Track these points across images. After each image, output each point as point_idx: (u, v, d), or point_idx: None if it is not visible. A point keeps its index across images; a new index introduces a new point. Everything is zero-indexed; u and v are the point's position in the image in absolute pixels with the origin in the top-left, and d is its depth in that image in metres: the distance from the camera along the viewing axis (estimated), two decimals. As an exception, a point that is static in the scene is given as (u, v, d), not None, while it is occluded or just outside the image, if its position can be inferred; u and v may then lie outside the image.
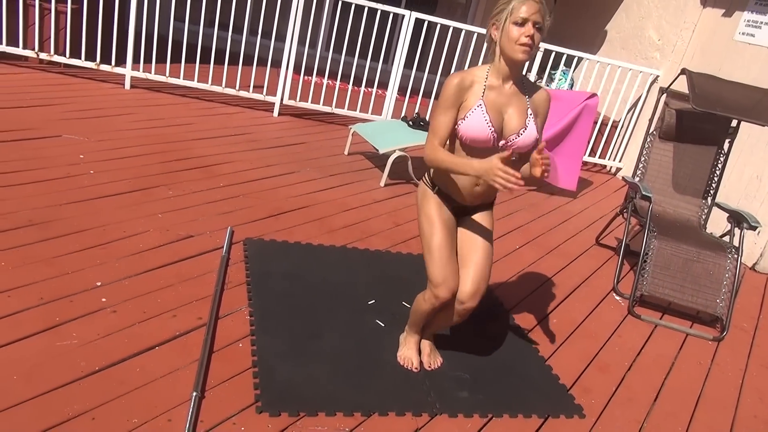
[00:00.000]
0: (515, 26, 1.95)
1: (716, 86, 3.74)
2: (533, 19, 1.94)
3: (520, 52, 1.97)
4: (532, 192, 4.96)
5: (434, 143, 2.05)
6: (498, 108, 2.06)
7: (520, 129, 2.07)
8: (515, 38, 1.95)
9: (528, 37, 1.94)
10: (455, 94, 2.02)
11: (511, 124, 2.07)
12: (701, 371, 2.94)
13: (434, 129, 2.05)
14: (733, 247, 3.46)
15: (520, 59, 1.98)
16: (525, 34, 1.94)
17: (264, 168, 4.06)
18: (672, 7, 5.66)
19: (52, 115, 4.08)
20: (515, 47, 1.96)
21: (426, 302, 2.21)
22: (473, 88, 2.05)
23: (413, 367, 2.40)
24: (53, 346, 2.07)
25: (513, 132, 2.07)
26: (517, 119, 2.07)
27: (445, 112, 2.04)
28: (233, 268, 2.81)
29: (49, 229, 2.75)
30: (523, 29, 1.94)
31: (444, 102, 2.03)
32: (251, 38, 5.25)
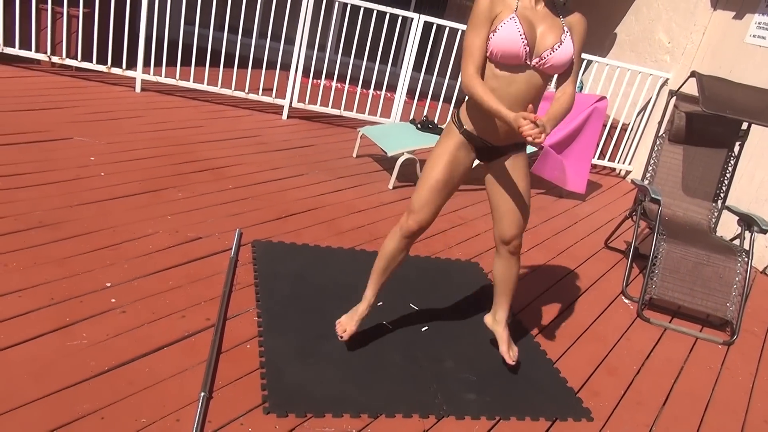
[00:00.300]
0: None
1: (726, 89, 3.72)
2: None
3: None
4: (541, 195, 4.95)
5: (470, 70, 1.98)
6: (531, 23, 1.98)
7: (555, 44, 1.98)
8: None
9: None
10: (488, 8, 1.95)
11: (545, 38, 1.99)
12: (711, 375, 2.92)
13: (469, 51, 1.97)
14: (743, 250, 3.44)
15: None
16: None
17: (273, 170, 4.08)
18: (682, 10, 5.64)
19: (63, 118, 4.12)
20: None
21: (392, 234, 2.25)
22: (506, 1, 1.98)
23: (343, 334, 2.35)
24: (63, 346, 2.09)
25: (547, 48, 1.99)
26: (553, 34, 1.99)
27: (478, 31, 1.96)
28: (242, 269, 2.83)
29: (60, 230, 2.78)
30: None
31: (476, 19, 1.96)
32: (261, 41, 5.29)
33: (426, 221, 2.21)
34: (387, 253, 2.31)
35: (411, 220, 2.21)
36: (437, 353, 2.56)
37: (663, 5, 5.91)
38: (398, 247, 2.28)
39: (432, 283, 3.12)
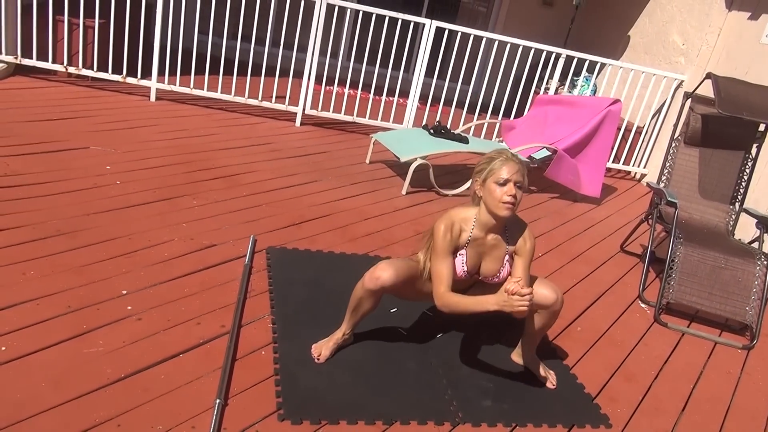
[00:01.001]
0: (497, 186, 2.13)
1: (743, 90, 3.68)
2: (514, 179, 2.13)
3: (503, 209, 2.14)
4: (555, 199, 4.92)
5: (441, 290, 2.16)
6: (479, 255, 2.29)
7: (495, 273, 2.32)
8: (498, 197, 2.13)
9: (510, 196, 2.13)
10: (449, 242, 2.19)
11: (487, 268, 2.32)
12: (731, 380, 2.88)
13: (439, 276, 2.18)
14: (762, 253, 3.39)
15: (504, 215, 2.16)
16: (507, 193, 2.13)
17: (286, 177, 4.10)
18: (696, 11, 5.59)
19: (80, 127, 4.17)
20: (499, 204, 2.14)
21: (360, 282, 2.26)
22: (461, 236, 2.24)
23: (318, 357, 2.33)
24: (80, 354, 2.11)
25: (489, 275, 2.33)
26: (493, 266, 2.31)
27: (444, 259, 2.19)
28: (256, 276, 2.84)
29: (76, 238, 2.81)
30: (505, 188, 2.13)
31: (441, 251, 2.19)
32: (273, 49, 5.32)
33: (387, 280, 2.18)
34: (355, 294, 2.29)
35: (375, 272, 2.19)
36: (452, 360, 2.55)
37: (677, 7, 5.87)
38: (362, 295, 2.25)
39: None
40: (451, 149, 4.54)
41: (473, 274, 2.33)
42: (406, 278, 2.26)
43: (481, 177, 2.19)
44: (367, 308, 2.29)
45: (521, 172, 2.16)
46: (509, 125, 5.38)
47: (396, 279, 2.19)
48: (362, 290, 2.23)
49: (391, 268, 2.19)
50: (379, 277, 2.18)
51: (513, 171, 2.13)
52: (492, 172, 2.15)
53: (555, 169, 4.72)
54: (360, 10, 5.21)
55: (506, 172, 2.13)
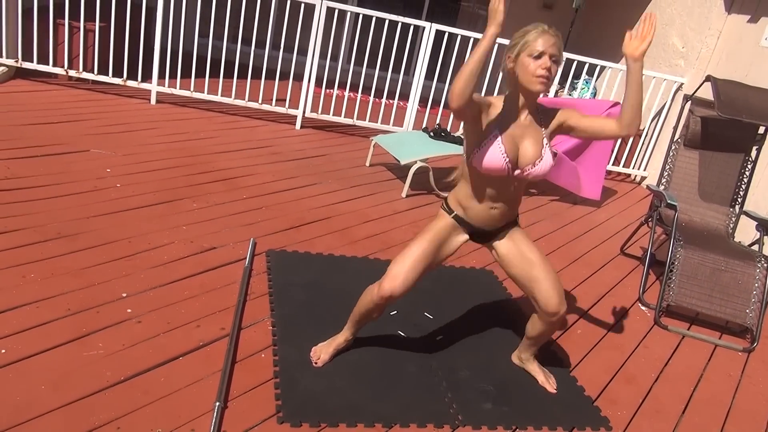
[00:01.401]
0: (532, 59, 1.97)
1: (742, 92, 3.68)
2: (550, 52, 1.97)
3: (537, 83, 1.98)
4: (555, 201, 4.92)
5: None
6: (514, 139, 2.07)
7: (536, 159, 2.09)
8: (532, 71, 1.97)
9: (545, 69, 1.97)
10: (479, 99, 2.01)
11: (527, 154, 2.08)
12: (731, 383, 2.87)
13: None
14: (762, 256, 3.38)
15: (538, 90, 2.00)
16: (542, 66, 1.96)
17: (286, 180, 4.10)
18: (696, 14, 5.60)
19: (80, 131, 4.17)
20: (532, 79, 1.98)
21: (369, 289, 2.22)
22: (490, 111, 2.06)
23: (317, 360, 2.32)
24: (80, 356, 2.11)
25: (529, 162, 2.09)
26: (533, 150, 2.08)
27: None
28: (256, 279, 2.84)
29: (77, 241, 2.81)
30: (540, 62, 1.97)
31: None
32: (274, 52, 5.33)
33: (400, 289, 2.14)
34: (362, 305, 2.26)
35: (386, 284, 2.14)
36: (452, 362, 2.55)
37: (676, 10, 5.88)
38: (371, 307, 2.21)
39: (446, 291, 3.11)
40: (451, 152, 4.54)
41: (514, 165, 2.08)
42: (423, 271, 2.19)
43: (515, 51, 2.01)
44: (374, 317, 2.29)
45: (557, 46, 1.99)
46: (509, 128, 5.37)
47: (412, 284, 2.16)
48: (372, 302, 2.19)
49: (403, 280, 2.13)
50: (392, 294, 2.13)
51: (549, 43, 1.96)
52: (526, 45, 1.98)
53: (555, 172, 4.72)
54: (360, 13, 5.22)
55: (541, 45, 1.96)
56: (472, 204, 2.20)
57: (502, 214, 2.22)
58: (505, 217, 2.25)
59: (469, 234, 2.29)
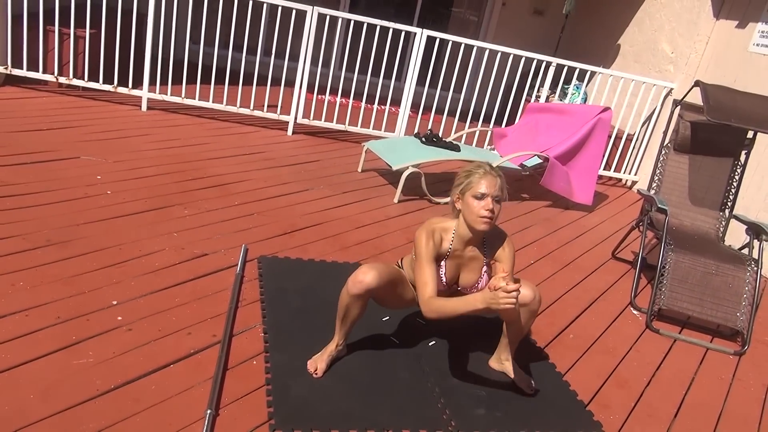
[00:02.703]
0: (475, 200, 2.14)
1: (731, 97, 3.71)
2: (492, 194, 2.13)
3: (481, 223, 2.16)
4: (547, 207, 4.94)
5: (427, 294, 2.12)
6: (458, 267, 2.33)
7: (474, 284, 2.35)
8: (476, 212, 2.15)
9: (488, 210, 2.13)
10: (432, 248, 2.20)
11: (466, 280, 2.35)
12: (722, 386, 2.89)
13: (423, 281, 2.14)
14: (752, 259, 3.41)
15: (481, 229, 2.18)
16: (485, 208, 2.13)
17: (278, 186, 4.09)
18: (685, 20, 5.65)
19: (70, 138, 4.15)
20: (477, 219, 2.16)
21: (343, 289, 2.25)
22: (441, 246, 2.26)
23: (315, 372, 2.31)
24: (70, 365, 2.09)
25: (468, 286, 2.36)
26: (472, 277, 2.34)
27: (428, 265, 2.17)
28: (247, 285, 2.83)
29: (67, 248, 2.79)
30: (482, 203, 2.14)
31: (425, 257, 2.18)
32: (265, 59, 5.33)
33: (370, 278, 2.17)
34: (341, 302, 2.27)
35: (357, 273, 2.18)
36: (445, 368, 2.54)
37: (666, 16, 5.93)
38: (346, 300, 2.23)
39: (438, 296, 3.10)
40: (442, 157, 4.55)
41: (452, 285, 2.36)
42: (389, 281, 2.25)
43: (460, 190, 2.20)
44: (356, 314, 2.28)
45: (500, 186, 2.16)
46: (501, 133, 5.40)
47: (379, 281, 2.18)
48: (347, 296, 2.22)
49: (373, 270, 2.18)
50: (362, 281, 2.17)
51: (492, 186, 2.13)
52: (470, 186, 2.16)
53: (549, 178, 4.74)
54: (351, 19, 5.23)
55: (484, 187, 2.13)
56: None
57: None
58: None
59: None
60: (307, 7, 5.05)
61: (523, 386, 2.49)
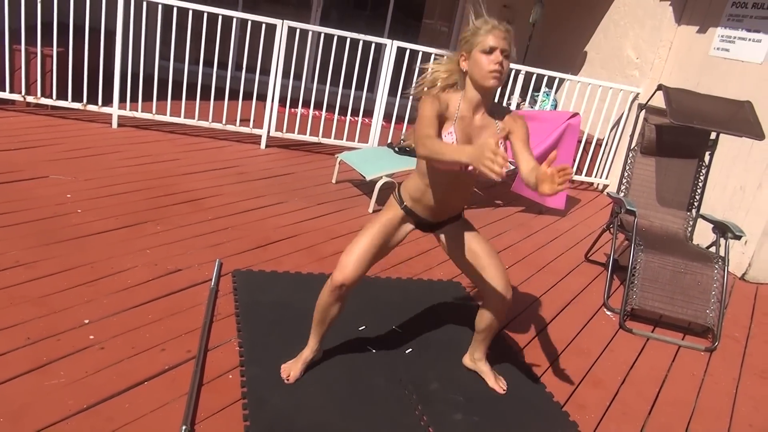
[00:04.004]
0: (484, 54, 2.01)
1: (693, 100, 3.81)
2: (501, 47, 2.00)
3: (490, 78, 2.02)
4: (521, 212, 5.00)
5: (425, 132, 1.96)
6: (469, 136, 2.12)
7: None
8: (485, 66, 2.01)
9: (497, 64, 2.00)
10: (436, 108, 2.05)
11: None
12: (695, 382, 2.94)
13: (424, 124, 1.99)
14: (719, 257, 3.49)
15: (491, 85, 2.04)
16: (494, 62, 2.00)
17: (252, 199, 4.08)
18: (648, 26, 5.79)
19: (39, 157, 4.10)
20: (485, 74, 2.02)
21: (325, 287, 2.25)
22: (448, 109, 2.10)
23: (288, 378, 2.32)
24: (40, 386, 2.06)
25: None
26: None
27: (431, 120, 2.02)
28: (222, 300, 2.81)
29: (36, 268, 2.75)
30: (491, 56, 2.00)
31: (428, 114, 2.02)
32: (236, 73, 5.33)
33: (351, 278, 2.18)
34: (320, 305, 2.28)
35: (338, 275, 2.19)
36: (422, 375, 2.55)
37: (629, 23, 6.07)
38: (329, 300, 2.25)
39: (414, 304, 3.13)
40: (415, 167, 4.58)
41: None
42: (373, 259, 2.23)
43: (466, 48, 2.06)
44: (335, 314, 2.29)
45: (508, 40, 2.03)
46: (473, 141, 5.45)
47: (363, 272, 2.20)
48: (328, 297, 2.23)
49: (353, 264, 2.18)
50: (343, 284, 2.18)
51: (500, 38, 2.01)
52: (478, 41, 2.02)
53: (520, 183, 4.80)
54: (321, 32, 5.27)
55: (493, 40, 2.00)
56: (422, 197, 2.26)
57: (450, 208, 2.31)
58: (453, 211, 2.33)
59: (415, 224, 2.35)
60: (277, 21, 5.07)
61: (496, 387, 2.51)
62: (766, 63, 4.57)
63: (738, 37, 4.85)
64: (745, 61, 4.75)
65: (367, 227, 2.27)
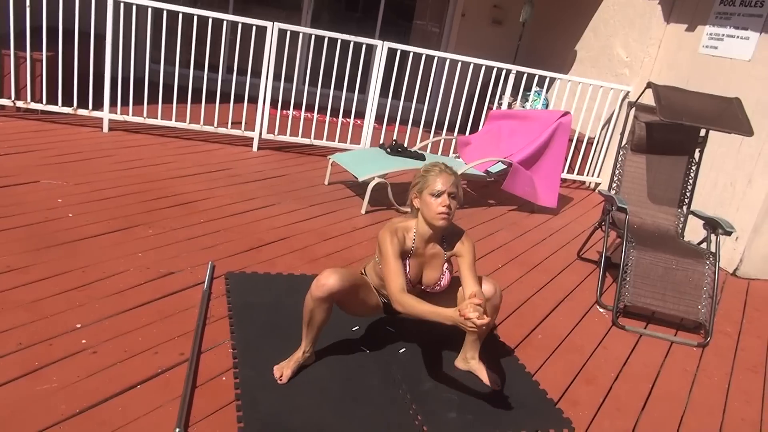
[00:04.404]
0: (433, 197, 2.22)
1: (682, 97, 3.83)
2: (448, 190, 2.21)
3: (439, 219, 2.23)
4: (513, 211, 5.01)
5: (397, 287, 2.16)
6: (421, 266, 2.38)
7: (437, 281, 2.39)
8: (434, 209, 2.22)
9: (445, 206, 2.21)
10: (396, 245, 2.25)
11: (429, 278, 2.40)
12: (687, 378, 2.96)
13: (392, 274, 2.19)
14: (710, 253, 3.51)
15: (440, 225, 2.25)
16: (442, 204, 2.21)
17: (244, 202, 4.08)
18: (637, 25, 5.82)
19: (30, 162, 4.08)
20: (434, 216, 2.23)
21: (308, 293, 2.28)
22: (405, 244, 2.32)
23: (280, 378, 2.33)
24: (32, 391, 2.05)
25: (431, 284, 2.40)
26: (435, 274, 2.38)
27: (396, 260, 2.22)
28: (215, 302, 2.81)
29: (27, 273, 2.74)
30: (439, 200, 2.21)
31: (391, 254, 2.22)
32: (228, 76, 5.32)
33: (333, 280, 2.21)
34: (306, 307, 2.29)
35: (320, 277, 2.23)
36: (416, 374, 2.56)
37: (619, 22, 6.10)
38: (312, 306, 2.26)
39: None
40: (408, 167, 4.59)
41: (416, 284, 2.40)
42: (352, 285, 2.29)
43: (417, 189, 2.28)
44: (321, 319, 2.29)
45: (455, 183, 2.24)
46: (465, 141, 5.48)
47: (342, 284, 2.22)
48: (311, 300, 2.25)
49: (336, 274, 2.22)
50: (324, 284, 2.20)
51: (447, 183, 2.21)
52: (427, 185, 2.24)
53: (511, 182, 4.82)
54: (312, 34, 5.27)
55: (440, 184, 2.21)
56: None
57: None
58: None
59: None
60: (268, 23, 5.07)
61: (490, 383, 2.52)
62: (754, 60, 4.61)
63: (726, 34, 4.89)
64: (733, 58, 4.79)
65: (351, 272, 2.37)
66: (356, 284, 2.34)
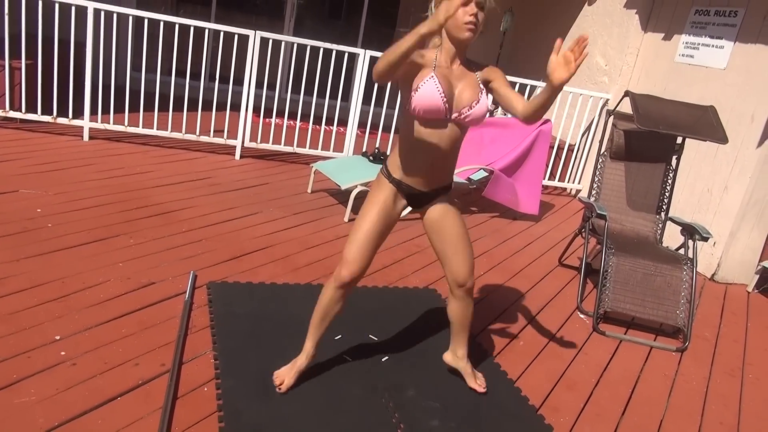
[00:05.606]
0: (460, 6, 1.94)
1: (659, 106, 3.90)
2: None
3: (465, 30, 2.03)
4: (495, 218, 5.05)
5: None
6: (449, 81, 2.10)
7: (473, 102, 2.11)
8: (460, 18, 2.01)
9: (472, 15, 2.00)
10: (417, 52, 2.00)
11: (463, 97, 2.11)
12: (666, 382, 3.00)
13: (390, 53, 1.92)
14: (688, 259, 3.56)
15: (466, 38, 2.05)
16: (469, 13, 2.00)
17: (226, 211, 4.06)
18: (615, 34, 5.91)
19: (8, 171, 4.03)
20: (460, 26, 2.02)
21: (327, 285, 2.27)
22: (425, 58, 2.09)
23: (281, 386, 2.33)
24: (10, 404, 2.02)
25: (465, 105, 2.11)
26: (469, 93, 2.11)
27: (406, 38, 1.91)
28: (197, 312, 2.79)
29: (5, 285, 2.71)
30: (467, 8, 2.00)
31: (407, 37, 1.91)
32: (210, 84, 5.31)
33: (359, 271, 2.21)
34: (324, 304, 2.29)
35: (344, 271, 2.20)
36: (398, 382, 2.56)
37: (598, 30, 6.19)
38: (334, 297, 2.26)
39: (390, 312, 3.14)
40: (390, 175, 4.60)
41: (451, 104, 2.10)
42: (376, 247, 2.24)
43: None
44: (337, 312, 2.30)
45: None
46: (447, 149, 5.50)
47: (368, 262, 2.21)
48: (334, 293, 2.24)
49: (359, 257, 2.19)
50: (352, 280, 2.20)
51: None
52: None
53: (492, 189, 4.86)
54: (294, 42, 5.28)
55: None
56: (409, 163, 2.21)
57: (439, 171, 2.25)
58: (442, 176, 2.28)
59: (407, 197, 2.30)
60: (250, 32, 5.07)
61: (476, 386, 2.54)
62: (728, 68, 4.70)
63: (702, 43, 4.98)
64: (708, 66, 4.88)
65: (364, 215, 2.25)
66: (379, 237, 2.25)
